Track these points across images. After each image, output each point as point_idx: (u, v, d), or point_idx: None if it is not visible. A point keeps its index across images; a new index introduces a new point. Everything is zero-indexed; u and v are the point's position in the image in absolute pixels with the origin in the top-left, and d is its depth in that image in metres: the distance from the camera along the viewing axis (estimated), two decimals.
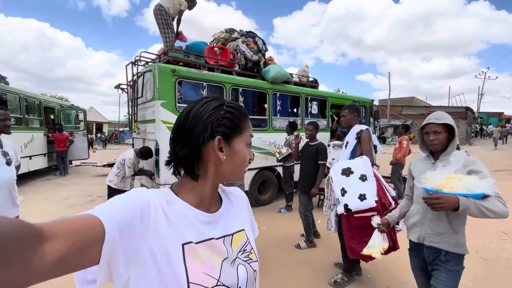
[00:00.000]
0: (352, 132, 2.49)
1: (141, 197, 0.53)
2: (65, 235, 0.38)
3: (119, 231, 0.45)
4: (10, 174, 2.11)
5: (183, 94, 4.16)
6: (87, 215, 0.44)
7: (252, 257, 0.69)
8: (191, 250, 0.56)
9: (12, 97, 6.77)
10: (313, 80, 6.56)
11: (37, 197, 5.76)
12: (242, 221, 0.73)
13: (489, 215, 1.26)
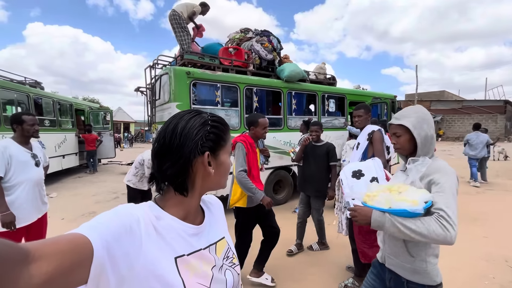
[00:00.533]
0: (363, 132, 2.41)
1: (130, 213, 0.53)
2: (52, 255, 0.38)
3: (107, 250, 0.44)
4: (39, 174, 2.31)
5: (197, 96, 4.26)
6: (75, 234, 0.43)
7: (235, 261, 0.74)
8: (184, 263, 0.58)
9: (46, 101, 7.34)
10: (330, 77, 6.39)
11: (68, 193, 6.22)
12: (222, 229, 0.76)
13: (414, 237, 1.00)
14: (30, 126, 2.23)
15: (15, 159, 2.12)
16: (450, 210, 0.99)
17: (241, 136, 2.40)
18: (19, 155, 2.17)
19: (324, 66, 6.39)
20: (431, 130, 1.22)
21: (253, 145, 2.37)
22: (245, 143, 2.33)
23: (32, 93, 6.60)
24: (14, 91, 5.98)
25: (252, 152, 2.36)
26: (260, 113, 2.86)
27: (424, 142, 1.20)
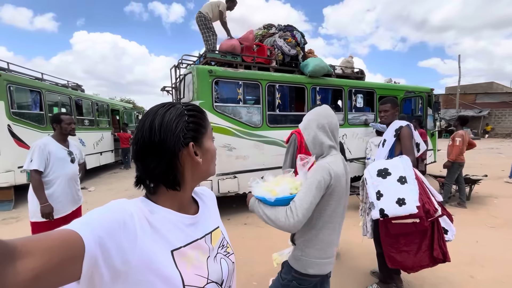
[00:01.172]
0: (390, 129, 2.23)
1: (123, 208, 0.52)
2: (40, 252, 0.36)
3: (100, 246, 0.44)
4: (73, 170, 2.49)
5: (219, 93, 4.30)
6: (65, 230, 0.42)
7: (229, 250, 0.74)
8: (180, 255, 0.58)
9: (86, 102, 7.97)
10: (358, 71, 6.08)
11: (104, 187, 6.71)
12: (216, 219, 0.77)
13: (268, 222, 1.16)
14: (67, 125, 2.40)
15: (53, 156, 2.31)
16: (299, 202, 1.10)
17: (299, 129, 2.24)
18: (57, 152, 2.35)
19: (351, 59, 6.09)
20: (319, 131, 1.28)
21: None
22: (300, 135, 2.13)
23: (74, 95, 7.20)
24: (58, 94, 6.57)
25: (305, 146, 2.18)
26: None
27: (313, 143, 1.29)
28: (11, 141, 4.87)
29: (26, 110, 5.48)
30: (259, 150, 4.45)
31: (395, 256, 1.99)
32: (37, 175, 2.22)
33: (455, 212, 4.24)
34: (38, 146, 2.25)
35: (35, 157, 2.22)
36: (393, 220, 1.95)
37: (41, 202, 2.21)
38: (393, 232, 1.95)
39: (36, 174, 2.22)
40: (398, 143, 2.15)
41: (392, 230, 1.95)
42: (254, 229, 3.84)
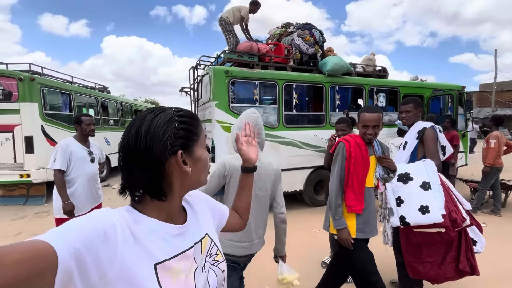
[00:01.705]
0: (412, 130, 2.09)
1: (105, 218, 0.50)
2: (7, 265, 0.34)
3: (76, 259, 0.41)
4: (93, 169, 2.60)
5: (236, 94, 4.31)
6: (38, 241, 0.40)
7: (219, 258, 0.71)
8: (164, 269, 0.55)
9: (111, 103, 8.37)
10: (381, 69, 5.81)
11: None
12: (206, 224, 0.73)
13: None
14: (87, 126, 2.52)
15: (74, 156, 2.43)
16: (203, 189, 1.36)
17: (348, 136, 1.89)
18: (78, 152, 2.47)
19: (373, 57, 5.84)
20: (238, 131, 1.42)
21: (362, 148, 1.77)
22: (349, 143, 1.80)
23: (100, 97, 7.59)
24: (86, 96, 6.96)
25: (361, 158, 1.76)
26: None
27: (231, 141, 1.45)
28: (44, 141, 5.23)
29: (57, 111, 5.86)
30: (275, 150, 4.40)
31: (417, 266, 1.86)
32: (60, 174, 2.34)
33: (488, 220, 3.91)
34: (61, 146, 2.37)
35: (58, 157, 2.34)
36: (415, 229, 1.83)
37: (63, 200, 2.33)
38: (415, 242, 1.83)
39: (59, 173, 2.35)
40: (421, 145, 2.01)
41: (414, 239, 1.82)
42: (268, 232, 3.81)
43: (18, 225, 4.20)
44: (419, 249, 1.85)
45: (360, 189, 1.76)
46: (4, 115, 4.98)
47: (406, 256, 1.94)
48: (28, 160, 5.04)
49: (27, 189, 5.33)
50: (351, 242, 1.72)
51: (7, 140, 5.01)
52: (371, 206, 1.82)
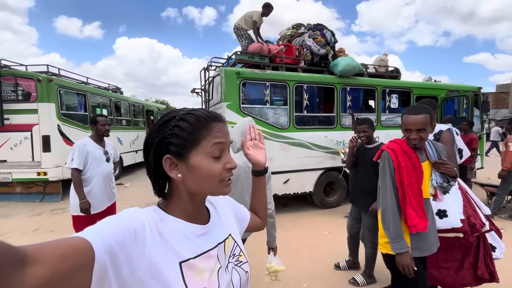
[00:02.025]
0: None
1: (135, 217, 0.52)
2: (50, 260, 0.36)
3: (110, 255, 0.44)
4: (109, 168, 2.66)
5: (247, 95, 4.33)
6: (77, 238, 0.42)
7: (242, 259, 0.71)
8: (189, 267, 0.56)
9: (124, 104, 8.55)
10: (393, 70, 5.71)
11: (139, 184, 7.13)
12: (229, 225, 0.74)
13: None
14: (102, 126, 2.58)
15: (91, 155, 2.50)
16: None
17: (392, 142, 1.63)
18: (94, 151, 2.54)
19: (385, 57, 5.75)
20: (237, 136, 1.64)
21: (412, 156, 1.51)
22: (394, 152, 1.54)
23: (113, 97, 7.77)
24: (100, 96, 7.14)
25: (412, 168, 1.50)
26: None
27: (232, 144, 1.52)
28: (60, 140, 5.40)
29: (73, 112, 6.03)
30: (285, 152, 4.39)
31: (433, 272, 1.82)
32: (77, 173, 2.41)
33: (506, 226, 3.78)
34: (78, 146, 2.44)
35: (75, 156, 2.41)
36: None
37: (80, 198, 2.40)
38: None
39: (76, 172, 2.41)
40: None
41: None
42: (279, 232, 3.80)
43: (36, 221, 4.34)
44: (435, 254, 1.81)
45: (419, 203, 1.48)
46: (23, 115, 5.17)
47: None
48: (45, 158, 5.21)
49: (43, 187, 5.50)
50: (413, 269, 1.43)
51: (25, 139, 5.20)
52: (430, 219, 1.54)
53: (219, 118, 0.62)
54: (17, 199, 5.45)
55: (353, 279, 2.52)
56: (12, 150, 5.23)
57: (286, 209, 4.89)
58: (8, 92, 5.18)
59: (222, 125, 0.62)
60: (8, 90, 5.18)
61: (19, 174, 5.24)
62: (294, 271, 2.74)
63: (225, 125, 0.63)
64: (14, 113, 5.16)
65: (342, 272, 2.74)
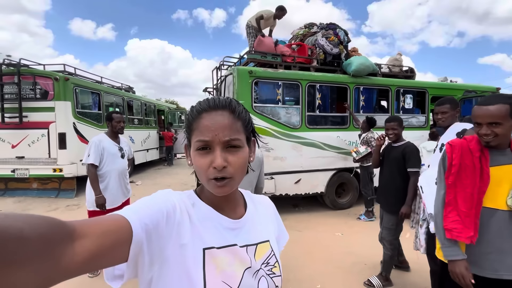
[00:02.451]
0: (450, 132, 1.98)
1: (167, 199, 0.54)
2: (96, 235, 0.39)
3: (146, 233, 0.46)
4: (123, 165, 2.70)
5: (259, 94, 4.32)
6: (117, 215, 0.45)
7: (276, 271, 0.65)
8: (212, 256, 0.55)
9: (136, 103, 8.69)
10: (408, 70, 5.60)
11: (150, 182, 7.22)
12: (268, 232, 0.69)
13: None
14: (117, 123, 2.62)
15: (106, 151, 2.53)
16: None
17: (463, 138, 1.39)
18: (110, 148, 2.58)
19: (399, 57, 5.64)
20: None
21: (475, 155, 1.28)
22: (452, 148, 1.36)
23: (126, 96, 7.91)
24: (113, 95, 7.28)
25: (471, 168, 1.28)
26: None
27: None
28: (75, 137, 5.52)
29: (88, 110, 6.17)
30: (297, 151, 4.36)
31: None
32: (93, 169, 2.45)
33: None
34: (94, 142, 2.48)
35: (91, 152, 2.45)
36: None
37: (96, 194, 2.44)
38: None
39: (92, 168, 2.45)
40: None
41: None
42: (291, 233, 3.77)
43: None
44: None
45: (469, 209, 1.26)
46: (41, 112, 5.32)
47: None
48: (61, 155, 5.34)
49: (59, 183, 5.65)
50: (470, 281, 1.21)
51: (42, 136, 5.35)
52: (498, 235, 1.23)
53: (215, 107, 0.57)
54: (34, 194, 5.61)
55: (369, 281, 2.46)
56: (29, 147, 5.39)
57: (296, 210, 4.85)
58: (26, 91, 5.35)
59: (214, 117, 0.56)
60: (27, 88, 5.34)
61: (36, 170, 5.39)
62: (307, 271, 2.71)
63: (220, 116, 0.56)
64: (32, 111, 5.31)
65: (357, 273, 2.68)
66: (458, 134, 1.92)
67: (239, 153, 0.57)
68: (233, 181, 0.56)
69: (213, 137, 0.54)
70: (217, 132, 0.54)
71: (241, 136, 0.58)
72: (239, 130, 0.57)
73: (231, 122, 0.56)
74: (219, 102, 0.57)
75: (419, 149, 4.31)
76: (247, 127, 0.60)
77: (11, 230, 0.30)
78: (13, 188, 5.68)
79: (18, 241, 0.30)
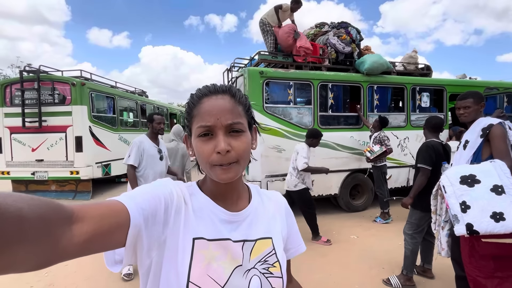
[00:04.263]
0: (475, 127, 1.87)
1: (165, 187, 0.54)
2: (93, 218, 0.40)
3: (143, 218, 0.46)
4: (162, 167, 2.68)
5: (270, 95, 4.28)
6: (114, 201, 0.45)
7: (274, 271, 0.59)
8: (201, 247, 0.53)
9: (149, 107, 8.85)
10: (424, 67, 5.41)
11: None
12: (272, 228, 0.64)
13: None
14: (157, 124, 2.63)
15: (146, 153, 2.54)
16: None
17: None
18: (150, 149, 2.58)
19: (415, 54, 5.46)
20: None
21: None
22: None
23: (139, 100, 8.07)
24: (127, 100, 7.44)
25: None
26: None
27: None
28: (91, 141, 5.67)
29: (103, 114, 6.32)
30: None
31: (483, 282, 1.63)
32: (132, 170, 2.48)
33: None
34: (136, 143, 2.51)
35: (132, 153, 2.48)
36: (483, 238, 1.61)
37: None
38: (482, 253, 1.61)
39: (131, 169, 2.48)
40: (486, 145, 1.79)
41: (481, 251, 1.60)
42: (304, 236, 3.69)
43: None
44: (487, 261, 1.63)
45: None
46: (59, 117, 5.50)
47: (470, 269, 1.72)
48: (78, 158, 5.49)
49: (76, 185, 5.80)
50: None
51: (60, 139, 5.52)
52: None
53: (215, 92, 0.56)
54: (52, 196, 5.78)
55: (388, 279, 2.38)
56: (48, 150, 5.57)
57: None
58: (45, 96, 5.55)
59: (215, 101, 0.54)
60: (46, 93, 5.54)
61: (54, 173, 5.56)
62: (322, 275, 2.63)
63: (221, 100, 0.54)
64: (50, 115, 5.50)
65: (375, 277, 2.58)
66: (484, 129, 1.81)
67: (242, 138, 0.55)
68: (238, 165, 0.54)
69: (215, 122, 0.53)
70: (219, 116, 0.53)
71: (243, 120, 0.56)
72: (241, 114, 0.56)
73: (232, 106, 0.55)
74: (219, 87, 0.57)
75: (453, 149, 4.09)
76: (248, 112, 0.59)
77: (11, 209, 0.30)
78: (33, 190, 5.88)
79: (17, 220, 0.30)
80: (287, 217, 0.70)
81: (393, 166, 4.63)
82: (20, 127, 5.47)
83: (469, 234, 1.56)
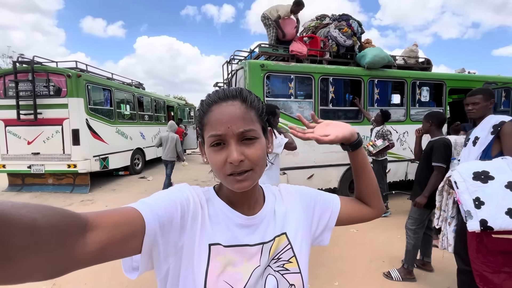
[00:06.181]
0: (485, 124, 1.87)
1: (182, 192, 0.53)
2: (108, 226, 0.40)
3: (159, 225, 0.46)
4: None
5: (271, 88, 4.24)
6: (130, 208, 0.45)
7: (290, 267, 0.58)
8: (217, 253, 0.53)
9: (146, 99, 8.73)
10: (424, 61, 5.40)
11: (161, 177, 7.25)
12: (288, 223, 0.62)
13: None
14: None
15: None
16: None
17: None
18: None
19: (415, 48, 5.43)
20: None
21: None
22: None
23: (136, 93, 7.95)
24: (124, 92, 7.32)
25: None
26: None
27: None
28: (88, 133, 5.59)
29: (100, 106, 6.22)
30: (309, 146, 4.28)
31: (490, 276, 1.65)
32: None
33: None
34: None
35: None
36: (493, 234, 1.62)
37: None
38: (492, 249, 1.62)
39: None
40: (497, 142, 1.79)
41: (491, 246, 1.62)
42: None
43: None
44: (495, 257, 1.64)
45: None
46: (55, 109, 5.40)
47: (476, 264, 1.73)
48: (75, 151, 5.42)
49: (73, 178, 5.75)
50: None
51: (57, 132, 5.43)
52: None
53: (225, 98, 0.53)
54: (49, 190, 5.73)
55: (388, 272, 2.43)
56: (44, 143, 5.49)
57: None
58: (40, 88, 5.42)
59: (225, 109, 0.52)
60: (41, 85, 5.42)
61: (51, 166, 5.50)
62: (324, 269, 2.66)
63: (231, 106, 0.52)
64: (46, 108, 5.39)
65: (375, 270, 2.62)
66: (495, 126, 1.81)
67: (256, 145, 0.52)
68: (254, 173, 0.53)
69: (225, 130, 0.50)
70: (230, 124, 0.50)
71: (256, 126, 0.53)
72: (253, 120, 0.53)
73: (243, 112, 0.52)
74: (229, 92, 0.53)
75: (453, 144, 4.12)
76: (261, 117, 0.56)
77: (25, 220, 0.30)
78: (30, 183, 5.83)
79: (31, 230, 0.30)
80: (301, 200, 0.67)
81: (392, 160, 4.66)
82: (15, 120, 5.37)
83: (483, 230, 1.56)
